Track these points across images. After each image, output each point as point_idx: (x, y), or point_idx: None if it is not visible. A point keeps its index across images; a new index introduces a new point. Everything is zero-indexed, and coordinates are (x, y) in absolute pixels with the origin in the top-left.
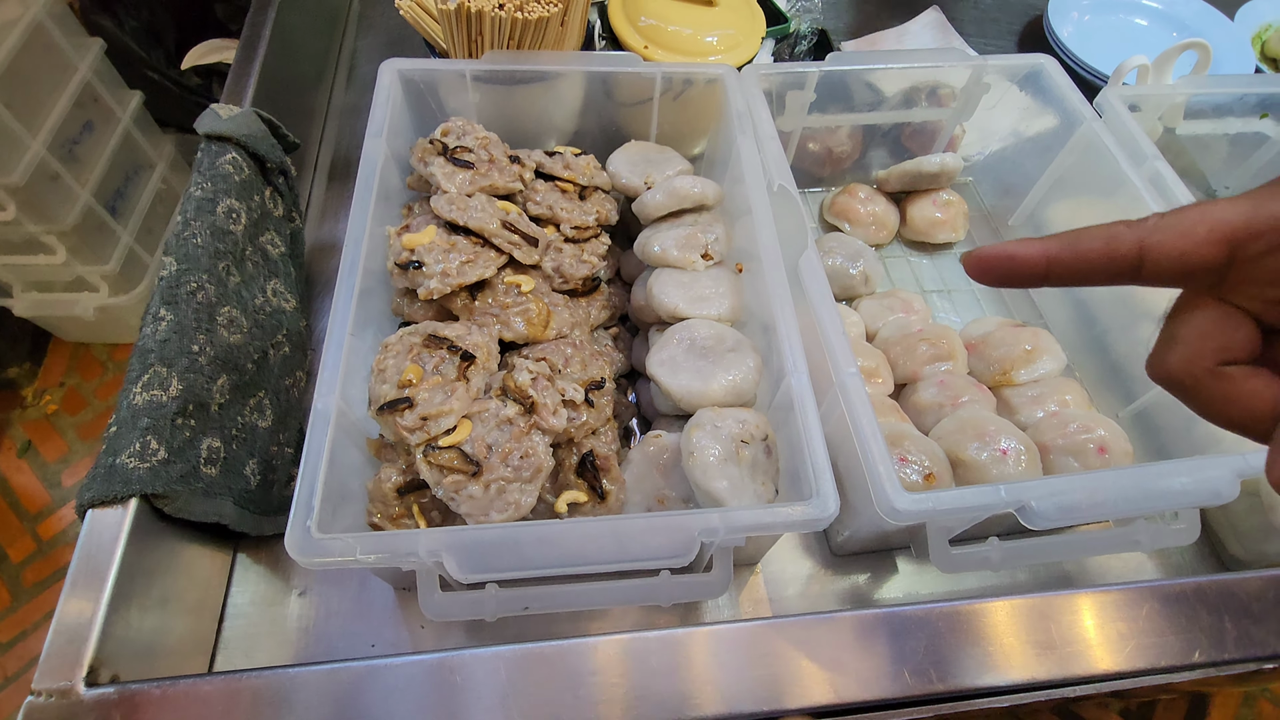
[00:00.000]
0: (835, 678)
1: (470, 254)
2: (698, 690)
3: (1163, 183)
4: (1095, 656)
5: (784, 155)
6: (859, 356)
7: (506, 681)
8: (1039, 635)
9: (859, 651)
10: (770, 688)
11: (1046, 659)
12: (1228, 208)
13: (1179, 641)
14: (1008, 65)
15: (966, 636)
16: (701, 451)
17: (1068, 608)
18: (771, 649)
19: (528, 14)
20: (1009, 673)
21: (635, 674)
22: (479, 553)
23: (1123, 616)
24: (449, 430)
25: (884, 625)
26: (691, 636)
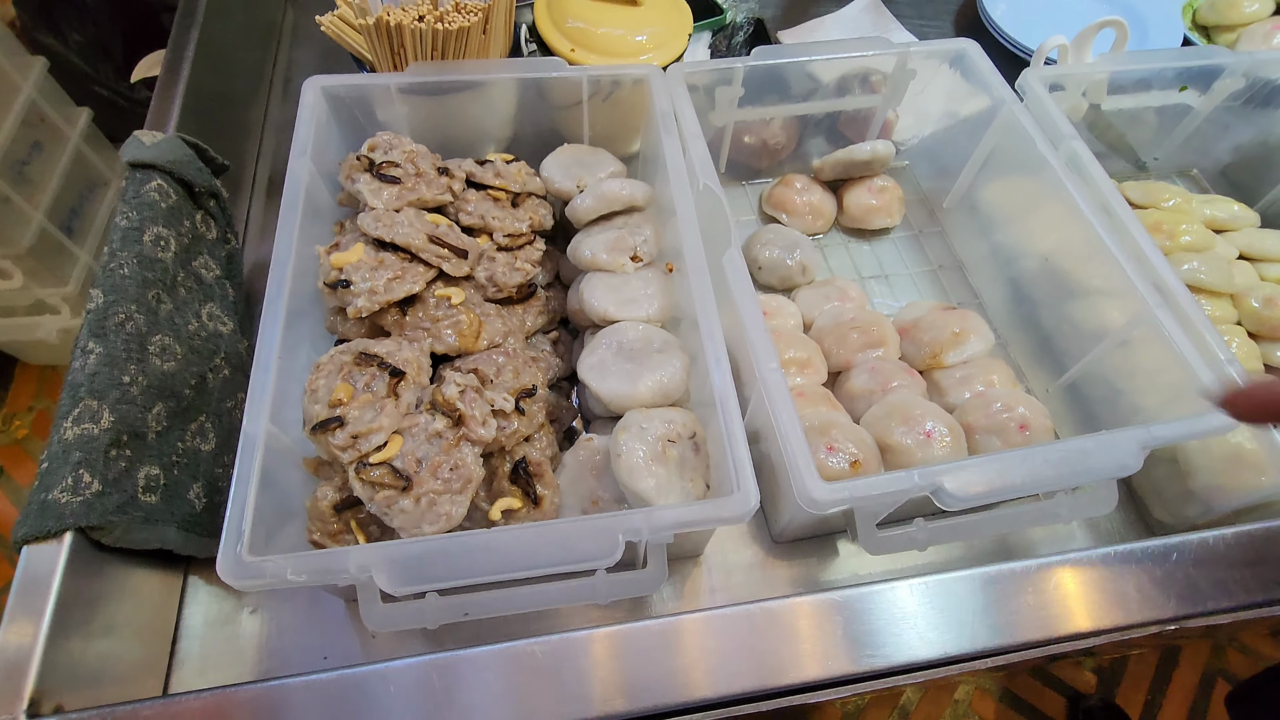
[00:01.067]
0: (775, 660)
1: (398, 270)
2: (631, 684)
3: (1079, 162)
4: (1039, 622)
5: (708, 154)
6: (793, 348)
7: (441, 689)
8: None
9: (795, 635)
10: (714, 675)
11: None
12: None
13: (1121, 602)
14: (932, 51)
15: (897, 612)
16: (628, 453)
17: (1020, 576)
18: (702, 640)
19: (448, 25)
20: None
21: (568, 671)
22: (409, 566)
23: (1083, 579)
24: (380, 447)
25: (822, 608)
26: (626, 632)
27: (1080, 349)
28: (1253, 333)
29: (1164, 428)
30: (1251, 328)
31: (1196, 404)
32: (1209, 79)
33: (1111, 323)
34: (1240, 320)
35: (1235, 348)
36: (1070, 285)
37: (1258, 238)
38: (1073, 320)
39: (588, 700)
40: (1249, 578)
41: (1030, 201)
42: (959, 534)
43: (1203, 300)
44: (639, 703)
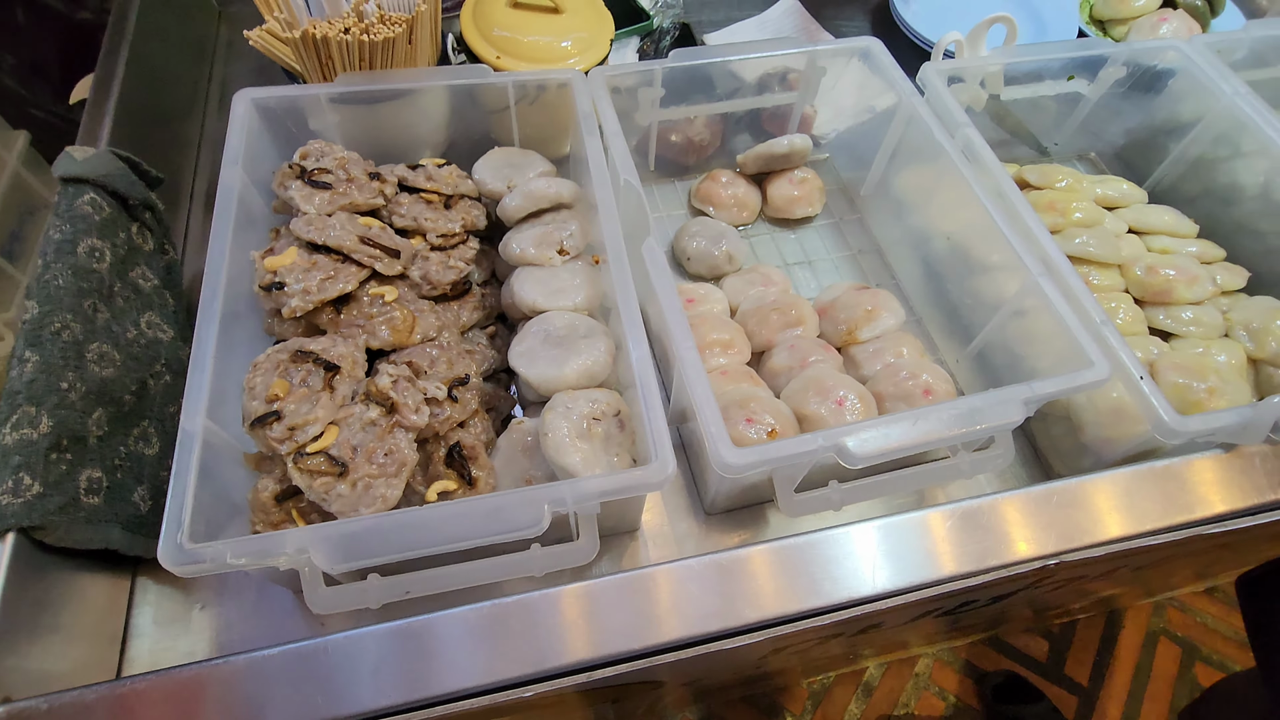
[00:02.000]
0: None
1: (331, 270)
2: (567, 641)
3: (973, 148)
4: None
5: (628, 152)
6: (717, 330)
7: (378, 657)
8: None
9: (738, 583)
10: (641, 628)
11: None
12: None
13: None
14: (839, 49)
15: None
16: (554, 431)
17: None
18: (638, 596)
19: (373, 36)
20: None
21: (498, 636)
22: (345, 544)
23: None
24: (316, 437)
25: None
26: (560, 594)
27: (983, 320)
28: (1138, 299)
29: (1043, 383)
30: (1137, 294)
31: (1078, 361)
32: (1095, 68)
33: (1006, 294)
34: (1127, 288)
35: (1122, 313)
36: (972, 262)
37: (1144, 213)
38: (976, 294)
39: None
40: (1120, 515)
41: (934, 186)
42: (870, 493)
43: (1092, 270)
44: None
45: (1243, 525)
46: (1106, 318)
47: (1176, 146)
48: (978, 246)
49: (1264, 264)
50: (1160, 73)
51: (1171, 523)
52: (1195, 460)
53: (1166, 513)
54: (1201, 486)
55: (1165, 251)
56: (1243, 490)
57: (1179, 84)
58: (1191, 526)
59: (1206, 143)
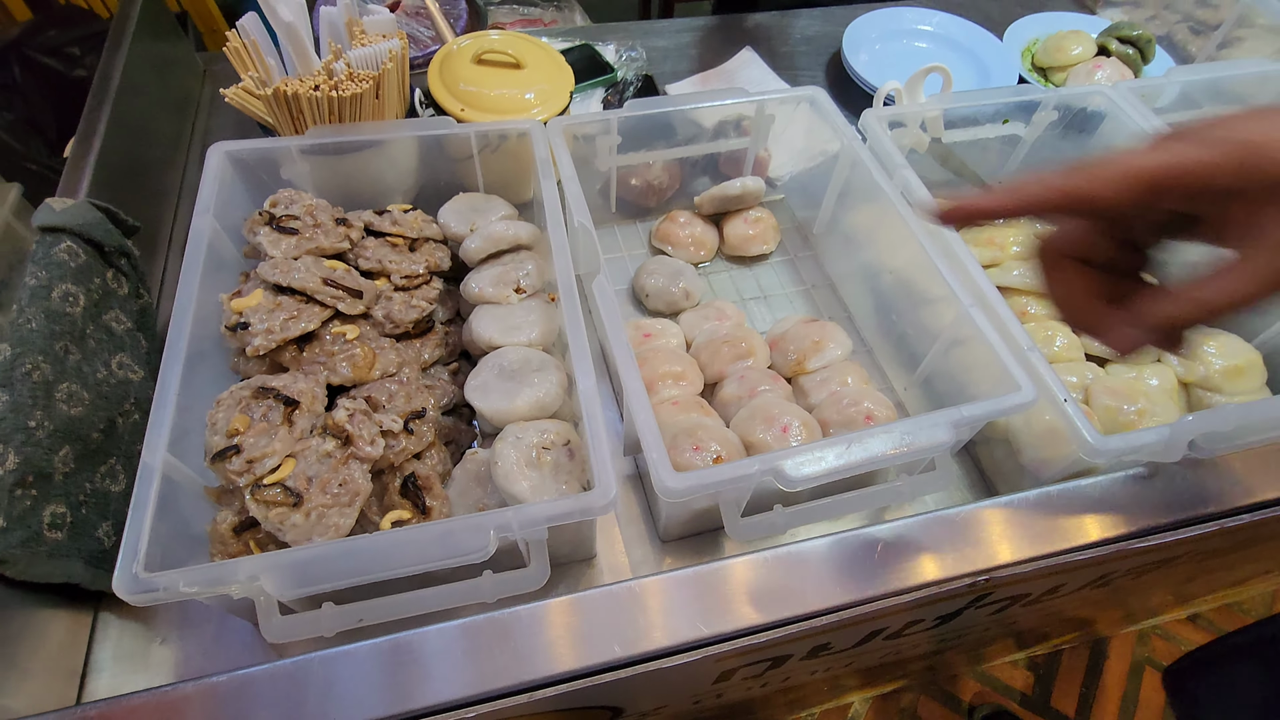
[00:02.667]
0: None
1: (294, 311)
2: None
3: (910, 189)
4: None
5: (581, 195)
6: (670, 363)
7: (325, 681)
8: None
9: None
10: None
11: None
12: (1146, 157)
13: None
14: (785, 97)
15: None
16: (504, 460)
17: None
18: (580, 617)
19: (341, 92)
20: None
21: (461, 655)
22: (296, 571)
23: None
24: (274, 469)
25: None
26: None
27: (926, 349)
28: None
29: (971, 407)
30: None
31: (1007, 385)
32: (1029, 112)
33: (944, 324)
34: None
35: (1059, 341)
36: (914, 295)
37: None
38: (919, 324)
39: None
40: (1049, 532)
41: (878, 225)
42: (814, 516)
43: (1030, 301)
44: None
45: (1159, 542)
46: (1033, 345)
47: None
48: (918, 280)
49: None
50: (1090, 115)
51: (1108, 535)
52: (1116, 479)
53: (1106, 526)
54: (1129, 504)
55: None
56: (1156, 510)
57: (1108, 126)
58: (1121, 540)
59: None
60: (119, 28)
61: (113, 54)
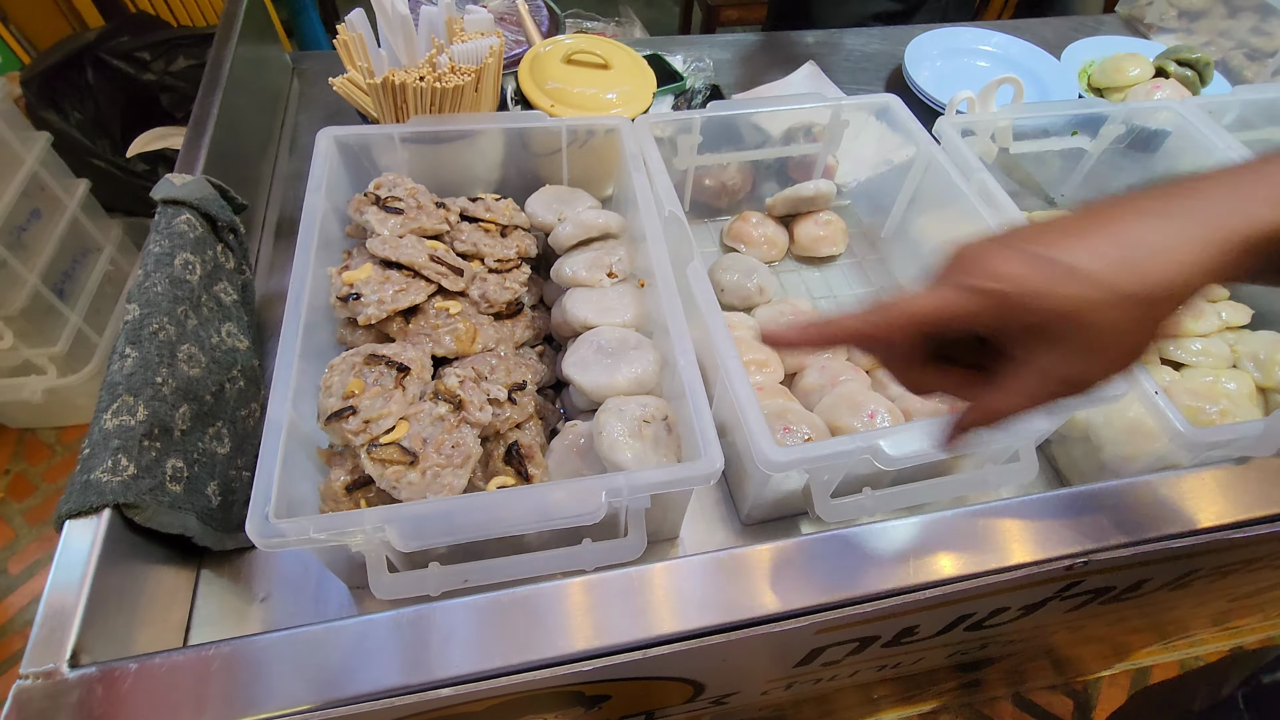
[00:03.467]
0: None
1: (402, 284)
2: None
3: (987, 191)
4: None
5: (672, 187)
6: (753, 351)
7: (453, 627)
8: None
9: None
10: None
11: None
12: (921, 303)
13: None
14: (861, 104)
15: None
16: (609, 430)
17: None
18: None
19: (445, 84)
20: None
21: (570, 613)
22: (417, 525)
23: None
24: (389, 430)
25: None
26: (614, 578)
27: None
28: None
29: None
30: None
31: None
32: (1097, 125)
33: None
34: None
35: None
36: None
37: None
38: None
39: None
40: (1147, 519)
41: (951, 228)
42: (901, 501)
43: None
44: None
45: (1261, 533)
46: None
47: None
48: None
49: (1264, 303)
50: (1156, 132)
51: (1208, 524)
52: (1210, 471)
53: (1200, 515)
54: (1228, 494)
55: None
56: (1256, 499)
57: (1174, 142)
58: (1224, 530)
59: None
60: (226, 26)
61: (221, 49)
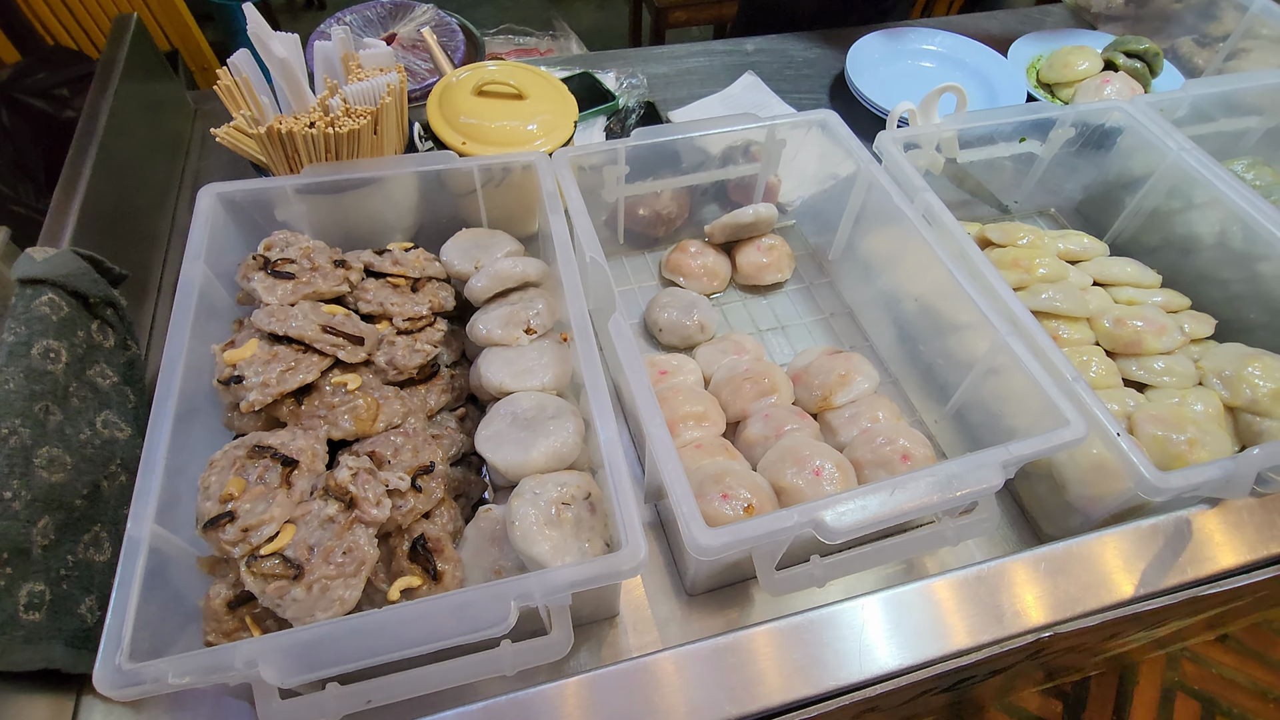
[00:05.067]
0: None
1: (291, 361)
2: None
3: (932, 211)
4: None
5: (592, 229)
6: (691, 403)
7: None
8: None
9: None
10: None
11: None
12: None
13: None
14: (796, 122)
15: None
16: (522, 520)
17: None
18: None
19: (338, 129)
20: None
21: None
22: (298, 655)
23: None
24: (271, 537)
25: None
26: (543, 693)
27: (958, 379)
28: (1109, 351)
29: (1020, 445)
30: (1107, 346)
31: (1054, 419)
32: (1045, 129)
33: (978, 353)
34: (1097, 340)
35: (1095, 367)
36: (942, 322)
37: (1107, 265)
38: (948, 354)
39: None
40: (1125, 575)
41: (899, 250)
42: (854, 566)
43: (1061, 325)
44: None
45: (1249, 581)
46: (1078, 374)
47: (1132, 200)
48: (944, 307)
49: (1229, 310)
50: (1108, 131)
51: (1177, 582)
52: (1190, 515)
53: (1171, 572)
54: (1200, 544)
55: (1131, 303)
56: (1236, 546)
57: (1127, 141)
58: (1196, 585)
59: (1160, 196)
60: (106, 67)
61: (99, 95)
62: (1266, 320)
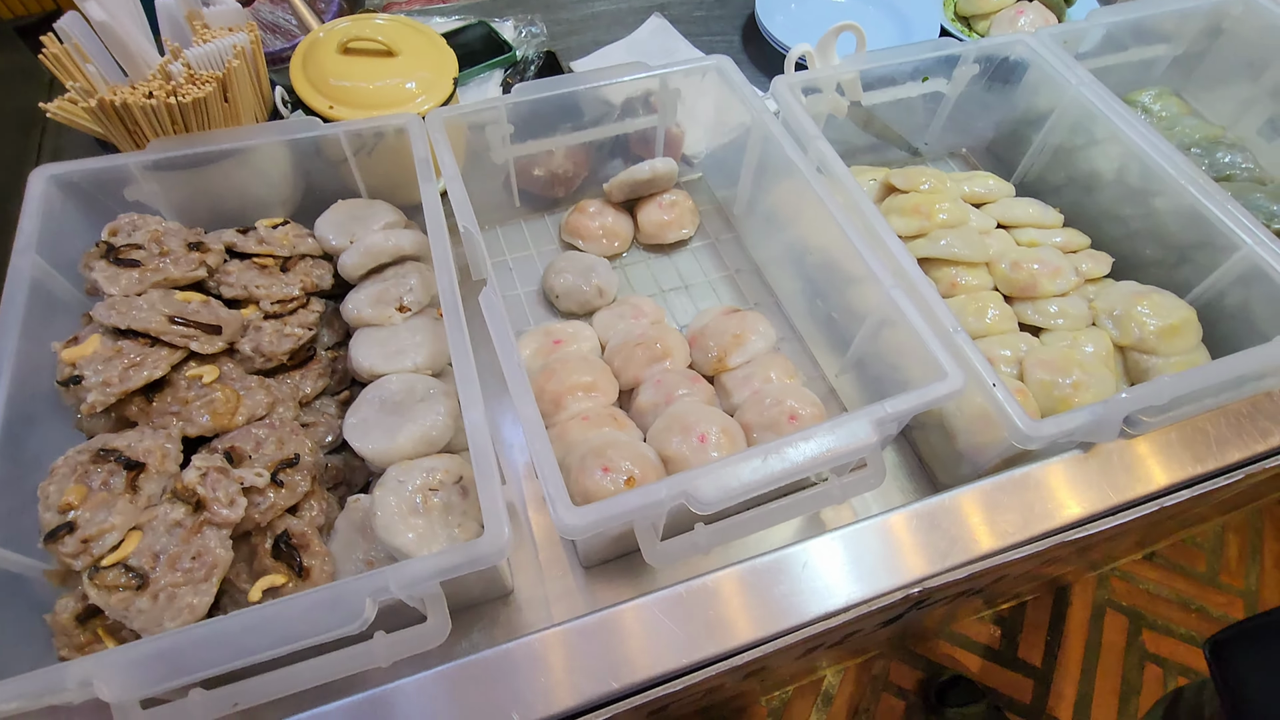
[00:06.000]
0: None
1: (137, 356)
2: None
3: (825, 161)
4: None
5: (466, 197)
6: (579, 373)
7: None
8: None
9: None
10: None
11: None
12: None
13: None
14: (689, 70)
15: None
16: (383, 510)
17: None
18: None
19: (181, 98)
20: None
21: None
22: (140, 669)
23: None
24: (115, 547)
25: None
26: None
27: (855, 332)
28: (1007, 295)
29: (895, 401)
30: (1005, 291)
31: (935, 372)
32: (950, 66)
33: (870, 306)
34: (996, 285)
35: (992, 313)
36: (841, 275)
37: (1010, 206)
38: (847, 307)
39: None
40: (980, 531)
41: (799, 202)
42: (738, 532)
43: (961, 271)
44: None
45: (1103, 528)
46: (959, 326)
47: (1037, 137)
48: (842, 260)
49: (1126, 248)
50: (1014, 65)
51: (1031, 534)
52: (1052, 464)
53: (1027, 524)
54: (1059, 492)
55: (1033, 244)
56: (1100, 491)
57: (1032, 76)
58: (1051, 535)
59: (1064, 132)
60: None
61: None
62: (1161, 256)
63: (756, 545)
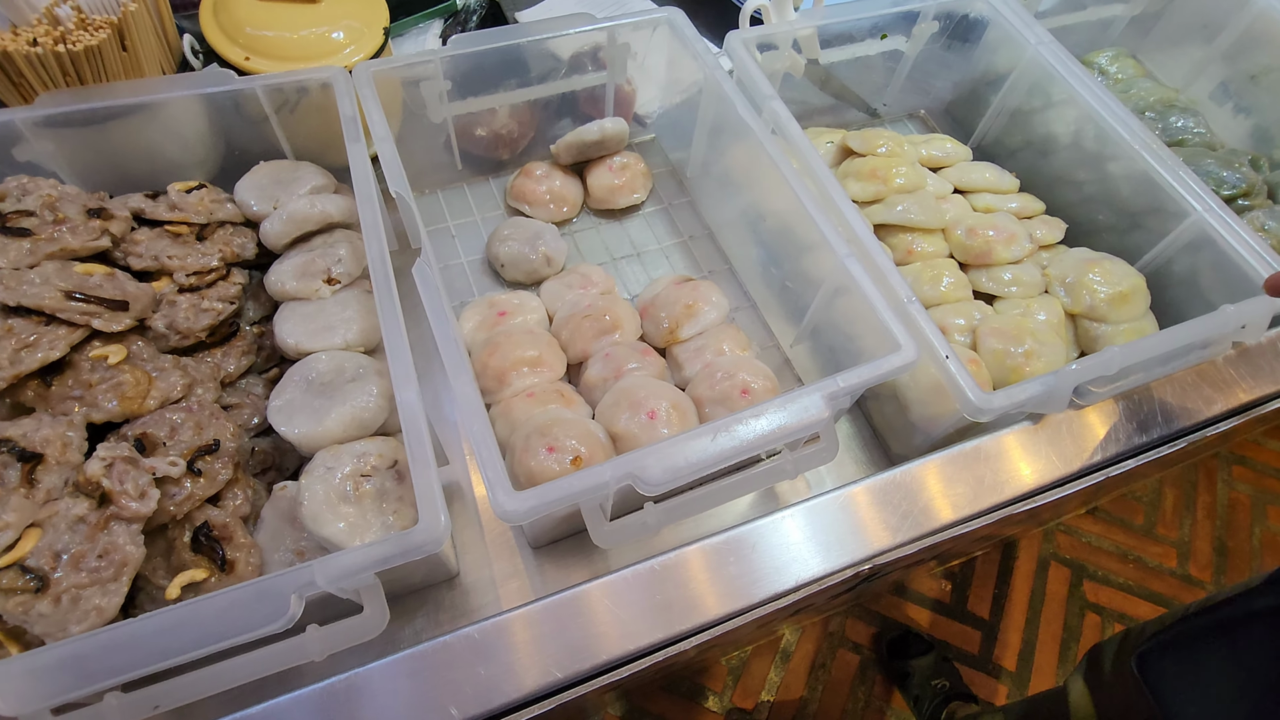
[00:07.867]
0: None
1: (30, 336)
2: None
3: (779, 122)
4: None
5: (396, 157)
6: (524, 347)
7: None
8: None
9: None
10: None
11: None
12: None
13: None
14: (639, 23)
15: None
16: (310, 499)
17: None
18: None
19: (72, 46)
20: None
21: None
22: (35, 681)
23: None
24: (11, 547)
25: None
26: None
27: (810, 301)
28: (962, 262)
29: (847, 375)
30: (961, 258)
31: (889, 344)
32: (910, 23)
33: (824, 274)
34: (951, 253)
35: (947, 280)
36: (796, 242)
37: (967, 171)
38: (801, 274)
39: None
40: (930, 507)
41: (752, 164)
42: (690, 510)
43: (917, 238)
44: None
45: (1053, 498)
46: (913, 295)
47: (996, 98)
48: (797, 226)
49: (1081, 213)
50: (974, 22)
51: (984, 506)
52: (1005, 435)
53: (978, 496)
54: (1011, 463)
55: (989, 210)
56: (1049, 462)
57: (991, 34)
58: (1005, 506)
59: (1021, 94)
60: None
61: None
62: (1114, 222)
63: (717, 521)
